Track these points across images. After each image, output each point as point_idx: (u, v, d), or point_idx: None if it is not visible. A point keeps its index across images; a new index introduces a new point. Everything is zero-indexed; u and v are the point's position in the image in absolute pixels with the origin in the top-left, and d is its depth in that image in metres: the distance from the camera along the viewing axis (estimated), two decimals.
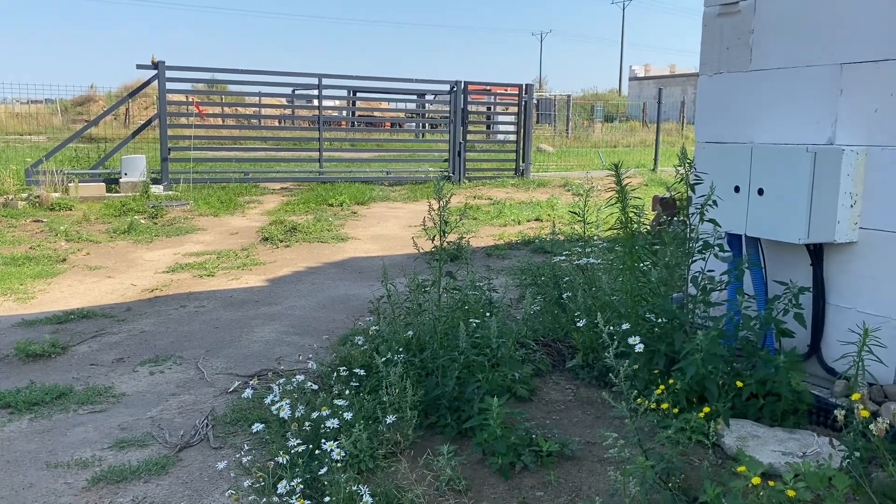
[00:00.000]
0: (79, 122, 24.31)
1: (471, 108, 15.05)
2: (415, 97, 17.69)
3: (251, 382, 3.69)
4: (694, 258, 3.58)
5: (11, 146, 18.47)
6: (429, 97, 19.11)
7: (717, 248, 3.52)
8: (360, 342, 4.05)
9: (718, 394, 3.17)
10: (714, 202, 3.42)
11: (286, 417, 3.06)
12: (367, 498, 2.60)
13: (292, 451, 2.83)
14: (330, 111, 15.01)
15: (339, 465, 2.75)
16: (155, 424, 3.58)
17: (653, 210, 5.78)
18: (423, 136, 18.70)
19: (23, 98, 28.10)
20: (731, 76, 4.07)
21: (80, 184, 10.72)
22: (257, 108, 16.89)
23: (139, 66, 11.84)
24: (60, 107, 29.27)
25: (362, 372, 3.58)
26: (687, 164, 3.52)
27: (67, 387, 4.00)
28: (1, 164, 12.97)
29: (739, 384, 3.19)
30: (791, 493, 2.24)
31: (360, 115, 18.17)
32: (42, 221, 9.05)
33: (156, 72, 11.80)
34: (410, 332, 3.75)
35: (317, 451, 2.86)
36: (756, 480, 2.27)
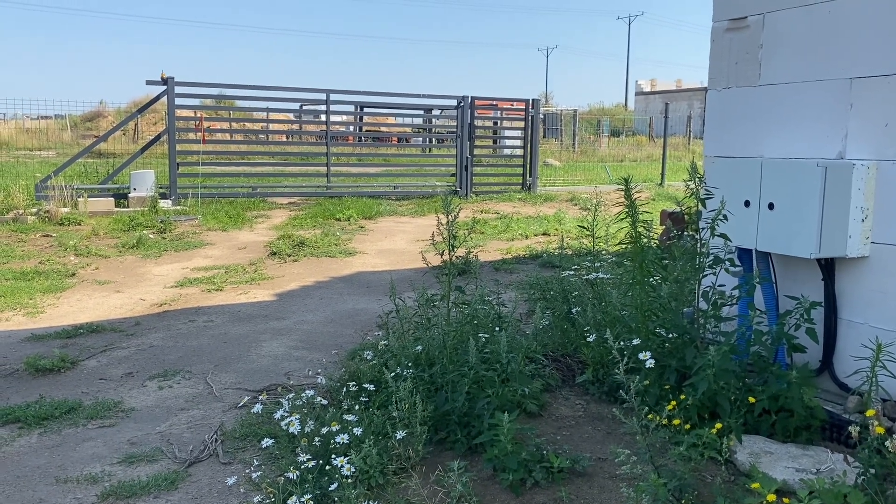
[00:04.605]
0: (88, 138, 24.53)
1: (477, 122, 15.08)
2: (422, 112, 17.75)
3: (260, 397, 3.69)
4: (704, 273, 3.56)
5: (21, 162, 18.63)
6: (436, 112, 19.19)
7: (727, 263, 3.51)
8: (369, 357, 4.04)
9: (731, 409, 3.14)
10: (724, 217, 3.41)
11: (296, 433, 3.05)
12: None
13: (302, 467, 2.82)
14: (337, 126, 15.09)
15: (349, 480, 2.74)
16: (164, 439, 3.57)
17: (662, 224, 5.77)
18: (430, 150, 18.80)
19: (33, 114, 28.42)
20: (740, 91, 4.08)
21: (89, 199, 10.79)
22: (265, 124, 17.02)
23: (148, 82, 11.96)
24: (70, 122, 29.56)
25: (372, 387, 3.57)
26: (697, 179, 3.52)
27: (77, 401, 4.00)
28: (11, 179, 13.09)
29: (752, 400, 3.17)
30: None
31: (367, 131, 18.28)
32: (51, 236, 9.09)
33: (165, 88, 11.91)
34: (420, 347, 3.74)
35: (327, 467, 2.84)
36: (771, 497, 2.25)
